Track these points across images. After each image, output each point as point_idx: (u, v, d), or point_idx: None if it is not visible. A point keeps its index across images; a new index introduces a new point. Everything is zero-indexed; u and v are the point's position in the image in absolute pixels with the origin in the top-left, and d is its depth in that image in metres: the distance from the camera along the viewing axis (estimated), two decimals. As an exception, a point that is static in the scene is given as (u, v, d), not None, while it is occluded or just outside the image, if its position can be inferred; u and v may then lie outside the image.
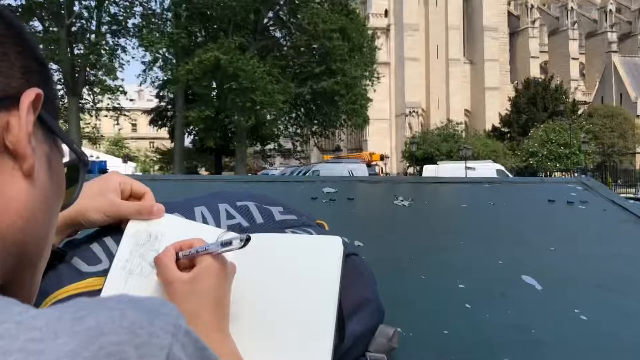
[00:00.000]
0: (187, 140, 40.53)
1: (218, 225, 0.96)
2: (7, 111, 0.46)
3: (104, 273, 0.84)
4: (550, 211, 1.64)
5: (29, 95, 0.47)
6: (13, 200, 0.46)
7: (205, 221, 0.97)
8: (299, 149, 40.92)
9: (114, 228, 0.91)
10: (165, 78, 33.15)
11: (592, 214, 1.64)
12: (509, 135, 57.64)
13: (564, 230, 1.56)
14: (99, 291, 0.82)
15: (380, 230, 1.49)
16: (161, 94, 39.69)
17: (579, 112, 59.52)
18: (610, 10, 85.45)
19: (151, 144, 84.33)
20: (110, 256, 0.87)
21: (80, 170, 0.60)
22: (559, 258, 1.38)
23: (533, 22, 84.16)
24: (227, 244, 0.75)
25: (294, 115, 36.69)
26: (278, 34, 35.99)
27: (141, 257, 0.86)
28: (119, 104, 32.66)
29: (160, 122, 42.69)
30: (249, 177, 1.83)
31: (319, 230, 1.02)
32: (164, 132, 46.27)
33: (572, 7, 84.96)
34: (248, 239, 0.74)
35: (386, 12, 77.19)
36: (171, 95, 36.80)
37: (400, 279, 1.23)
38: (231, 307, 0.79)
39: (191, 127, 36.66)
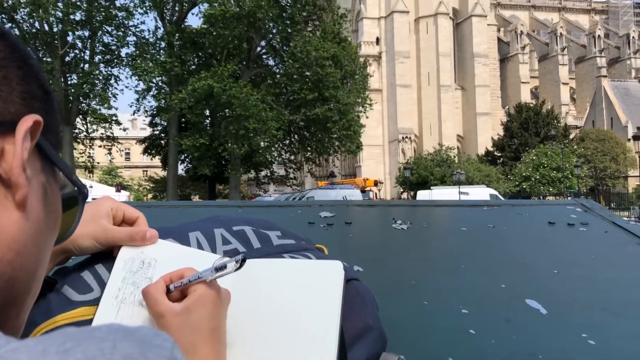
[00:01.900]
0: (180, 168, 40.53)
1: (214, 250, 0.93)
2: (2, 137, 0.45)
3: (96, 302, 0.81)
4: (551, 233, 1.61)
5: (27, 121, 0.44)
6: (2, 232, 0.44)
7: (200, 247, 0.93)
8: (292, 175, 40.95)
9: (106, 255, 0.88)
10: (159, 106, 33.27)
11: (594, 236, 1.62)
12: (501, 159, 57.93)
13: (566, 252, 1.53)
14: (90, 321, 0.79)
15: (380, 254, 1.46)
16: (154, 122, 39.79)
17: (571, 136, 59.99)
18: (599, 35, 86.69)
19: (144, 172, 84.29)
20: (102, 284, 0.84)
21: (79, 204, 0.57)
22: (562, 281, 1.35)
23: (523, 48, 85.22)
24: (221, 268, 0.72)
25: (287, 141, 36.80)
26: (271, 62, 36.27)
27: (134, 285, 0.83)
28: (112, 133, 32.71)
29: (153, 151, 42.70)
30: (245, 203, 1.79)
31: (319, 255, 0.98)
32: (157, 160, 46.27)
33: (561, 33, 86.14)
34: (244, 260, 0.73)
35: (377, 39, 78.02)
36: (164, 124, 36.89)
37: (402, 304, 1.20)
38: (229, 334, 0.77)
39: (185, 155, 36.69)
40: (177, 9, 32.64)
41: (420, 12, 77.20)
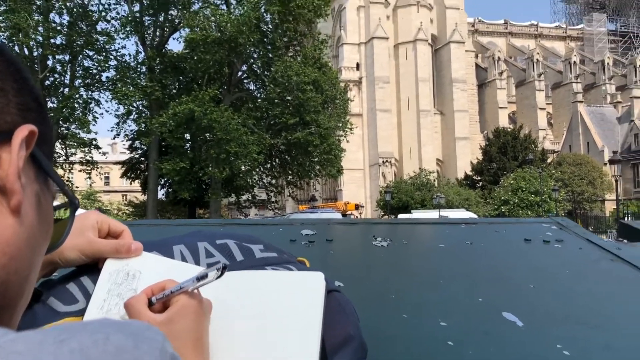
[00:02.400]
0: (160, 193, 40.27)
1: (197, 263, 0.95)
2: None
3: (81, 313, 0.82)
4: (528, 250, 1.65)
5: (23, 131, 0.47)
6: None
7: (184, 259, 0.95)
8: (273, 199, 40.88)
9: (92, 267, 0.89)
10: (139, 130, 33.16)
11: (569, 252, 1.66)
12: (480, 183, 58.43)
13: (541, 268, 1.57)
14: None
15: (360, 270, 1.48)
16: (134, 146, 39.58)
17: (548, 160, 60.75)
18: (575, 62, 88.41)
19: (124, 197, 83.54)
20: (87, 296, 0.85)
21: (70, 214, 0.59)
22: (538, 295, 1.39)
23: (500, 73, 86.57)
24: (202, 277, 0.72)
25: (268, 165, 36.82)
26: (252, 86, 36.43)
27: (119, 296, 0.84)
28: (91, 157, 32.47)
29: (133, 175, 42.42)
30: (226, 221, 1.81)
31: (301, 268, 1.01)
32: (136, 184, 45.94)
33: (537, 59, 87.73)
34: (224, 268, 0.73)
35: (358, 65, 78.79)
36: (144, 148, 36.73)
37: (382, 318, 1.22)
38: (212, 345, 0.77)
39: (165, 179, 36.50)
40: (158, 33, 32.74)
41: (400, 38, 78.22)
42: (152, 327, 0.41)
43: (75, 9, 30.25)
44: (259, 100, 34.38)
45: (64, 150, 32.23)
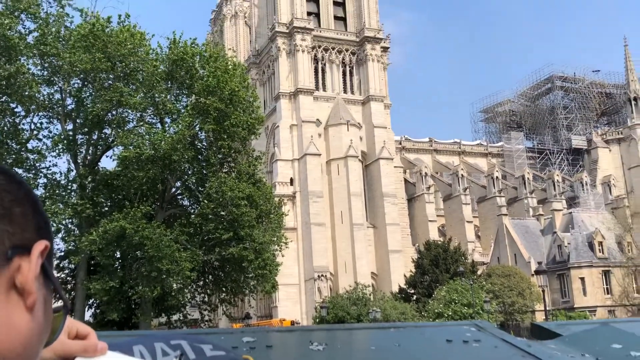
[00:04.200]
0: (88, 314, 38.44)
1: (154, 361, 1.07)
2: (20, 256, 0.63)
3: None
4: (449, 349, 1.82)
5: (39, 246, 0.64)
6: (17, 329, 0.59)
7: (143, 358, 1.07)
8: (207, 318, 39.69)
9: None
10: (68, 249, 32.13)
11: (485, 350, 1.84)
12: (415, 296, 58.79)
13: (461, 365, 1.73)
14: None
15: (298, 371, 1.60)
16: (62, 265, 38.09)
17: (479, 272, 62.16)
18: (497, 177, 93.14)
19: (46, 319, 79.02)
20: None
21: (64, 315, 0.72)
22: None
23: (428, 188, 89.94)
24: None
25: (201, 283, 36.01)
26: (186, 202, 36.32)
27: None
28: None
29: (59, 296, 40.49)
30: (169, 332, 1.90)
31: (246, 364, 1.14)
32: (62, 305, 43.71)
33: (462, 175, 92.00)
34: (182, 355, 0.84)
35: (291, 180, 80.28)
36: (72, 267, 35.43)
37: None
38: None
39: (93, 300, 35.00)
40: (91, 151, 32.63)
41: (332, 154, 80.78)
42: None
43: (5, 127, 30.03)
44: (193, 216, 34.22)
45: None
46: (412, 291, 59.83)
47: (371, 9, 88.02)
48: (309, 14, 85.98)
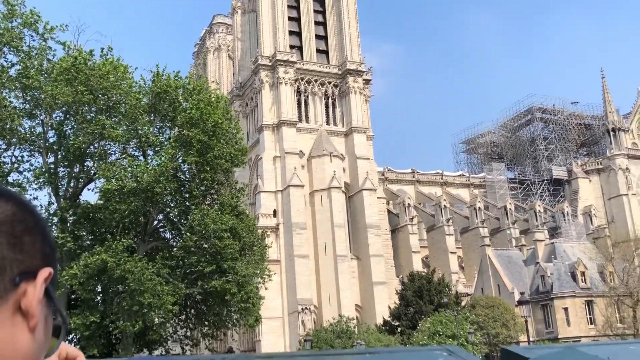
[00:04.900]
0: (67, 350, 37.65)
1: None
2: (27, 282, 0.69)
3: None
4: (421, 373, 1.87)
5: (44, 272, 0.71)
6: (20, 349, 0.65)
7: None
8: (188, 353, 39.10)
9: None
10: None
11: (457, 374, 1.89)
12: (399, 328, 58.48)
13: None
14: None
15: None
16: (41, 300, 37.50)
17: (463, 303, 62.07)
18: (479, 207, 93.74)
19: (24, 356, 77.37)
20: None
21: (61, 332, 0.78)
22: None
23: (411, 219, 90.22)
24: None
25: (183, 317, 35.56)
26: (168, 235, 36.04)
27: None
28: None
29: (37, 331, 39.74)
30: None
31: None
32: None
33: (445, 206, 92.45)
34: None
35: (275, 212, 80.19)
36: (52, 301, 34.84)
37: None
38: None
39: (73, 335, 34.41)
40: (72, 184, 32.39)
41: (315, 186, 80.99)
42: None
43: (-15, 161, 29.83)
44: (175, 248, 33.95)
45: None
46: (397, 323, 59.54)
47: (353, 42, 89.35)
48: (291, 47, 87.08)
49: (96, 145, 31.15)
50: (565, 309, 70.59)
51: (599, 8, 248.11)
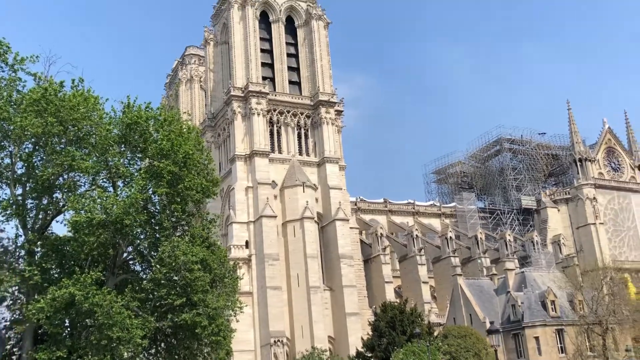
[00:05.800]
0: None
1: None
2: None
3: None
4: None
5: None
6: None
7: None
8: (158, 388, 38.27)
9: None
10: (13, 318, 30.90)
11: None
12: (372, 360, 58.11)
13: None
14: None
15: None
16: (7, 335, 36.53)
17: (435, 333, 62.02)
18: (451, 237, 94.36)
19: (-13, 393, 74.86)
20: None
21: None
22: None
23: (384, 249, 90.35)
24: None
25: (153, 351, 34.91)
26: (138, 267, 35.54)
27: None
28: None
29: (1, 368, 38.64)
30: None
31: None
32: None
33: (416, 235, 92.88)
34: None
35: (247, 243, 79.68)
36: (19, 337, 33.97)
37: None
38: None
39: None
40: (40, 216, 31.87)
41: (287, 216, 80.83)
42: None
43: (-49, 194, 29.26)
44: (144, 281, 33.46)
45: None
46: (370, 355, 59.18)
47: (325, 73, 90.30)
48: (264, 78, 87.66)
49: (65, 176, 30.81)
50: (537, 338, 70.95)
51: (567, 40, 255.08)
